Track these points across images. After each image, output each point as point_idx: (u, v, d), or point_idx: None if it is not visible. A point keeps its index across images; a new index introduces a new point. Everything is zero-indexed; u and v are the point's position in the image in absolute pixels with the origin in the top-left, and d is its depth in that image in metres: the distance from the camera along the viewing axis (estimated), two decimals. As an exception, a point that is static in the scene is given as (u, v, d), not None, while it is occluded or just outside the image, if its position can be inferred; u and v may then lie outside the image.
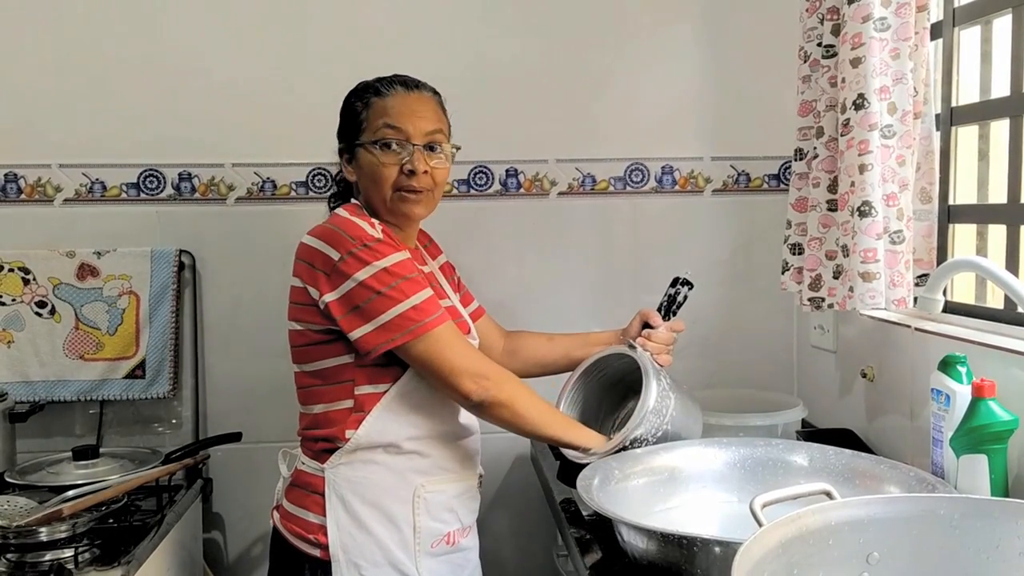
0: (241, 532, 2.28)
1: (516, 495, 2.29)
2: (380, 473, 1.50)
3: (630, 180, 2.27)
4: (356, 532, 1.49)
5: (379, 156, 1.52)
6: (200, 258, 2.20)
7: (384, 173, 1.52)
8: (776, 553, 0.93)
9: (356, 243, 1.44)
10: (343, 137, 1.59)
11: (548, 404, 1.56)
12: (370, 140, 1.53)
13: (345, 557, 1.48)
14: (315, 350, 1.51)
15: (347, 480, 1.50)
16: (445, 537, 1.55)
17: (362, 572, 1.48)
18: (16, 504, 1.70)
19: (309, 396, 1.55)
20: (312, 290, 1.46)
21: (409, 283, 1.45)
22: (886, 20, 1.63)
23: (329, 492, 1.50)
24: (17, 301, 2.11)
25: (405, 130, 1.52)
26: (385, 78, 1.59)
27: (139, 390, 2.13)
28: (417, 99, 1.56)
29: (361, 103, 1.56)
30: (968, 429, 1.33)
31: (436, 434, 1.54)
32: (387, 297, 1.42)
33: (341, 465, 1.50)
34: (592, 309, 2.27)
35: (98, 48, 2.13)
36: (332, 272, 1.43)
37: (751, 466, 1.54)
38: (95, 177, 2.16)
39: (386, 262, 1.44)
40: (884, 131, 1.64)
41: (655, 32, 2.24)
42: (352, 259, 1.43)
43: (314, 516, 1.51)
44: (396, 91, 1.55)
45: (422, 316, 1.43)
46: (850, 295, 1.67)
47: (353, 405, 1.50)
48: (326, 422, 1.52)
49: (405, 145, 1.52)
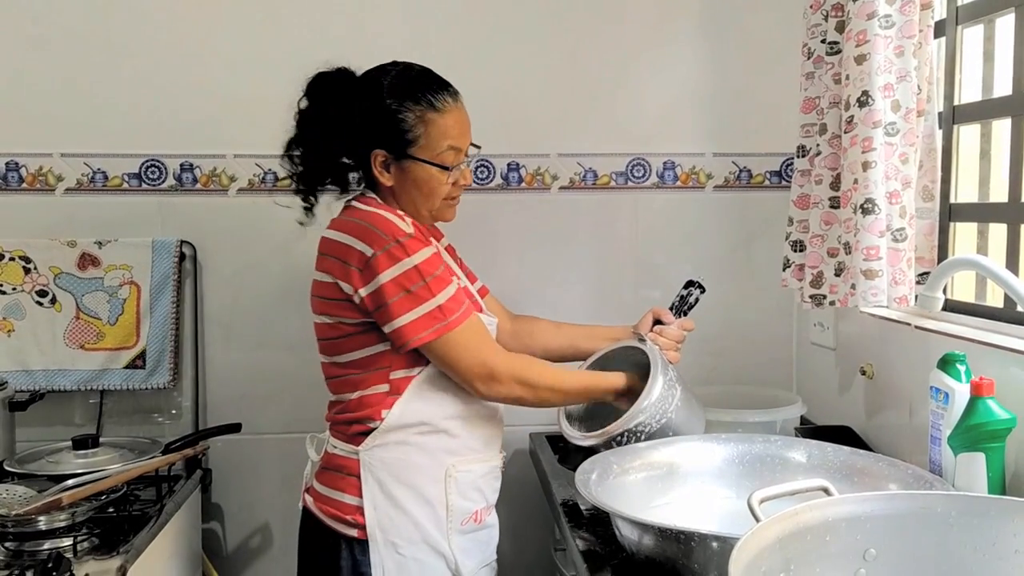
0: (240, 523, 2.28)
1: (515, 489, 2.29)
2: (414, 454, 1.55)
3: (632, 175, 2.27)
4: (392, 512, 1.54)
5: (437, 175, 1.56)
6: (201, 249, 2.20)
7: (442, 190, 1.58)
8: (773, 549, 0.94)
9: (389, 239, 1.48)
10: (382, 142, 1.55)
11: (562, 375, 1.61)
12: (431, 159, 1.55)
13: (383, 536, 1.53)
14: (349, 341, 1.55)
15: (382, 462, 1.54)
16: (473, 515, 1.61)
17: (399, 550, 1.54)
18: (15, 493, 1.71)
19: (343, 385, 1.59)
20: (345, 285, 1.49)
21: (436, 280, 1.50)
22: (891, 17, 1.63)
23: (365, 474, 1.54)
24: (18, 290, 2.11)
25: (463, 149, 1.59)
26: (424, 81, 1.56)
27: (139, 380, 2.14)
28: (463, 110, 1.59)
29: (412, 115, 1.53)
30: (966, 427, 1.34)
31: (466, 415, 1.59)
32: (415, 296, 1.47)
33: (376, 447, 1.54)
34: (592, 304, 2.28)
35: (101, 38, 2.13)
36: (365, 268, 1.47)
37: (749, 462, 1.55)
38: (97, 167, 2.16)
39: (416, 259, 1.48)
40: (888, 128, 1.64)
41: (658, 27, 2.24)
42: (385, 256, 1.47)
43: (350, 497, 1.55)
44: (448, 105, 1.56)
45: (446, 315, 1.49)
46: (852, 292, 1.68)
47: (389, 389, 1.54)
48: (360, 406, 1.56)
49: (460, 162, 1.59)
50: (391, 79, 1.56)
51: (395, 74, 1.56)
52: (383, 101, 1.54)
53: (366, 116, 1.55)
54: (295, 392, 2.20)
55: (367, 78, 1.58)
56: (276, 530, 2.28)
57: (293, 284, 2.20)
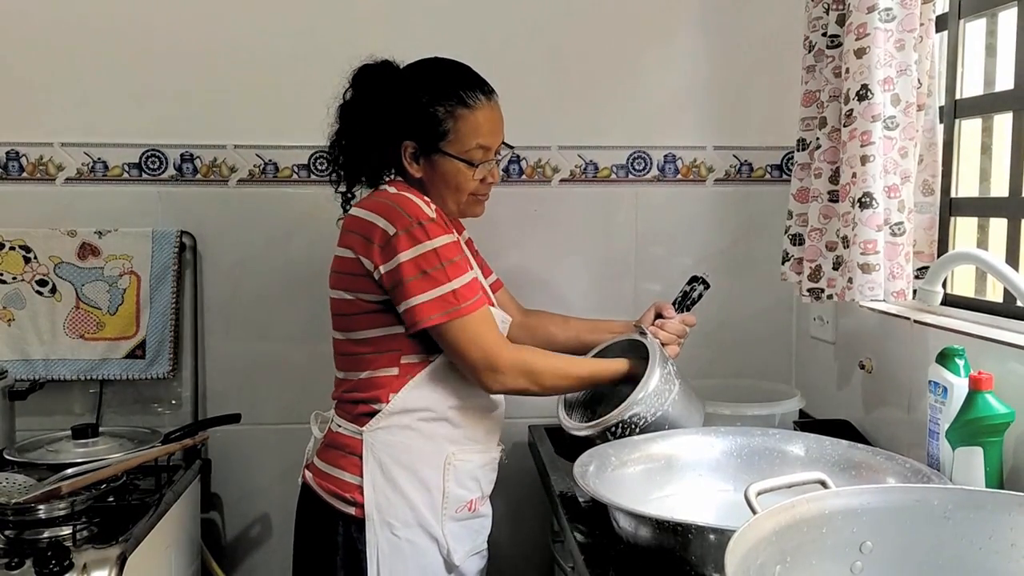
0: (239, 512, 2.29)
1: (513, 481, 2.29)
2: (416, 439, 1.59)
3: (632, 168, 2.27)
4: (391, 493, 1.57)
5: (466, 171, 1.60)
6: (201, 239, 2.21)
7: (468, 185, 1.62)
8: (769, 541, 0.94)
9: (412, 220, 1.51)
10: (412, 134, 1.59)
11: (565, 363, 1.63)
12: (459, 154, 1.59)
13: (379, 516, 1.57)
14: (365, 319, 1.57)
15: (385, 444, 1.57)
16: (468, 504, 1.64)
17: (394, 531, 1.57)
18: (15, 481, 1.71)
19: (354, 363, 1.61)
20: (366, 261, 1.52)
21: (453, 266, 1.52)
22: (891, 11, 1.63)
23: (367, 454, 1.57)
24: (18, 279, 2.11)
25: (493, 147, 1.63)
26: (459, 77, 1.61)
27: (139, 370, 2.14)
28: (496, 109, 1.63)
29: (444, 109, 1.57)
30: (964, 421, 1.34)
31: (469, 405, 1.62)
32: (431, 278, 1.50)
33: (379, 430, 1.57)
34: (593, 296, 2.28)
35: (101, 27, 2.13)
36: (386, 245, 1.50)
37: (748, 455, 1.55)
38: (97, 156, 2.16)
39: (435, 243, 1.51)
40: (887, 122, 1.64)
41: (660, 20, 2.23)
42: (406, 236, 1.49)
43: (350, 476, 1.58)
44: (480, 103, 1.59)
45: (459, 301, 1.51)
46: (849, 286, 1.68)
47: (398, 372, 1.57)
48: (368, 386, 1.59)
49: (489, 160, 1.63)
50: (427, 73, 1.62)
51: (432, 68, 1.62)
52: (417, 94, 1.59)
53: (399, 107, 1.60)
54: (295, 382, 2.21)
55: (406, 71, 1.63)
56: (275, 520, 2.29)
57: (293, 274, 2.20)
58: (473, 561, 1.68)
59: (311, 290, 1.72)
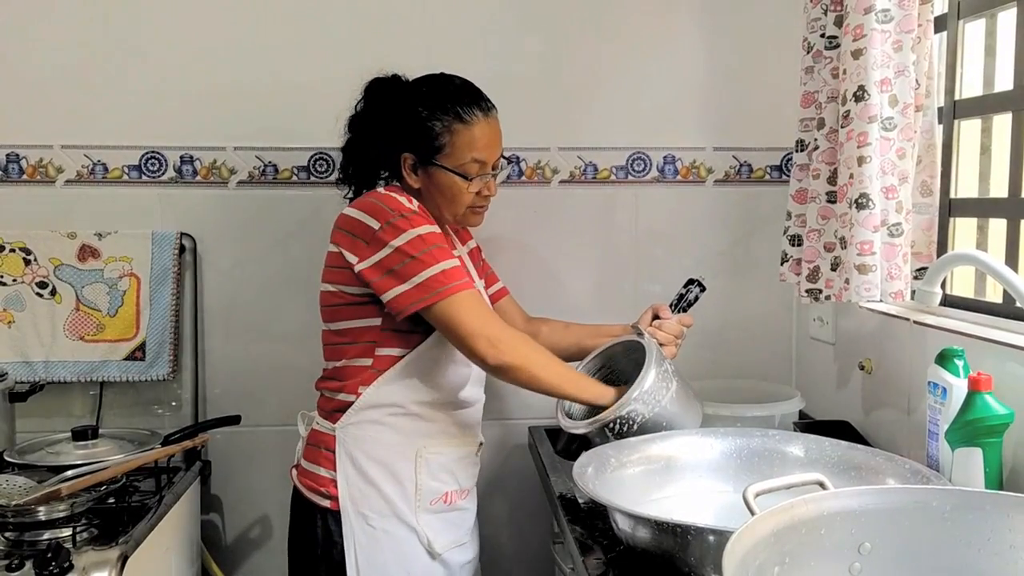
0: (239, 514, 2.29)
1: (513, 482, 2.30)
2: (386, 433, 1.64)
3: (632, 169, 2.27)
4: (363, 486, 1.63)
5: (461, 183, 1.65)
6: (201, 241, 2.21)
7: (464, 197, 1.67)
8: (768, 542, 0.94)
9: (394, 213, 1.56)
10: (411, 146, 1.65)
11: (562, 364, 1.64)
12: (454, 167, 1.64)
13: (353, 507, 1.63)
14: (346, 310, 1.64)
15: (355, 439, 1.64)
16: (443, 496, 1.69)
17: (369, 522, 1.63)
18: (15, 483, 1.71)
19: (333, 352, 1.69)
20: (349, 255, 1.58)
21: (439, 250, 1.57)
22: (889, 12, 1.63)
23: (339, 449, 1.64)
24: (18, 281, 2.11)
25: (489, 162, 1.67)
26: (457, 93, 1.65)
27: (139, 372, 2.14)
28: (494, 125, 1.68)
29: (440, 124, 1.63)
30: (964, 422, 1.34)
31: (439, 402, 1.67)
32: (419, 261, 1.54)
33: (350, 425, 1.64)
34: (593, 298, 2.28)
35: (101, 29, 2.13)
36: (371, 240, 1.56)
37: (747, 456, 1.55)
38: (97, 159, 2.16)
39: (420, 230, 1.56)
40: (884, 123, 1.64)
41: (658, 21, 2.23)
42: (390, 228, 1.55)
43: (325, 471, 1.65)
44: (477, 118, 1.64)
45: (449, 280, 1.54)
46: (846, 287, 1.68)
47: (371, 364, 1.63)
48: (343, 375, 1.65)
49: (485, 174, 1.67)
50: (428, 88, 1.67)
51: (433, 84, 1.68)
52: (416, 108, 1.64)
53: (401, 120, 1.66)
54: (294, 384, 2.20)
55: (411, 85, 1.70)
56: (275, 522, 2.28)
57: (293, 276, 2.20)
58: (456, 553, 1.71)
59: (311, 292, 1.72)
